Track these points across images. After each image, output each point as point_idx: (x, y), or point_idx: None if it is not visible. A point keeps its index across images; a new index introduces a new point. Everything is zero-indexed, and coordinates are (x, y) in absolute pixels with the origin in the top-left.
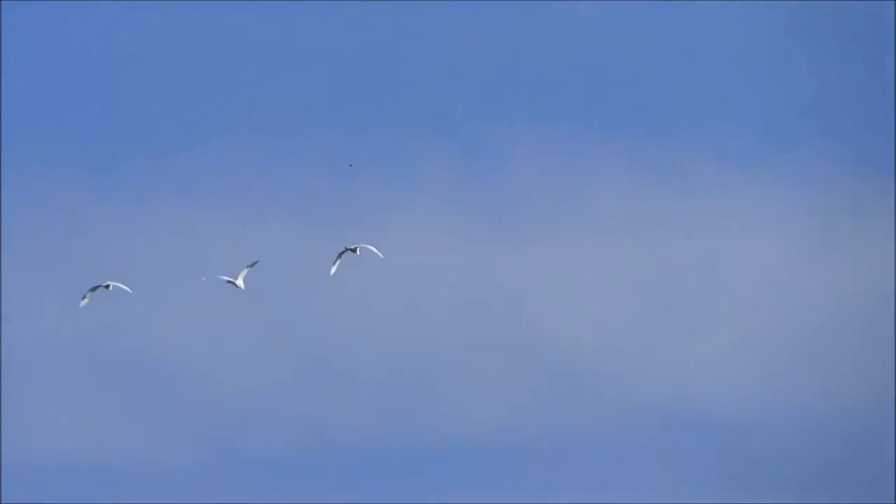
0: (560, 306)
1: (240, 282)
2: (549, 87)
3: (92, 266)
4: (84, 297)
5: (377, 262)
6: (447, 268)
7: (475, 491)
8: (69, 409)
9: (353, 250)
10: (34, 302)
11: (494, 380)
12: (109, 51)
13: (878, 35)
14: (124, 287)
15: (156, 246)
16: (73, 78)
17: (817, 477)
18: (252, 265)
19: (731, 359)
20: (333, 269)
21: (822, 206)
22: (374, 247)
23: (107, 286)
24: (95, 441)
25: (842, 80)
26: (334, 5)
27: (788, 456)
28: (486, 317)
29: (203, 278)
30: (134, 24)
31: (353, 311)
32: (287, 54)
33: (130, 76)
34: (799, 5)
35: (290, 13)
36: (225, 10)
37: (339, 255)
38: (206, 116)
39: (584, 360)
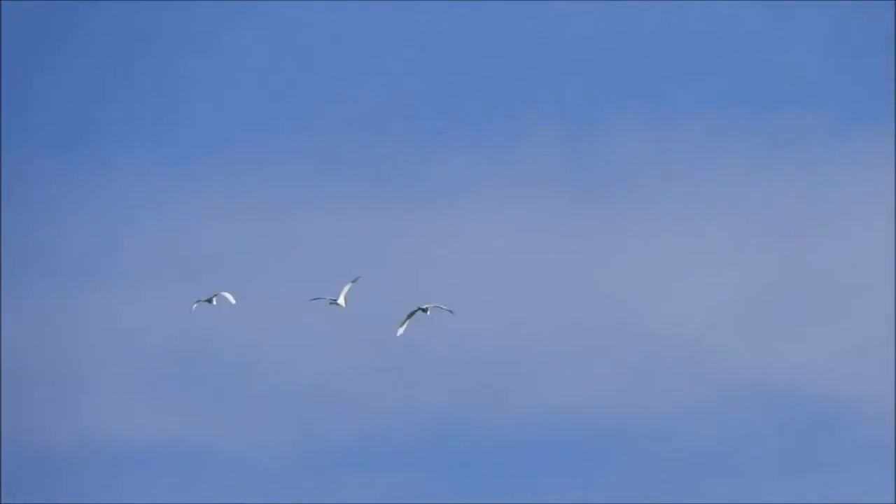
0: (662, 290)
1: (341, 300)
2: (656, 66)
3: (161, 259)
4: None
5: (473, 242)
6: (547, 250)
7: (570, 476)
8: (138, 396)
9: (424, 310)
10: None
11: (589, 362)
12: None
13: None
14: (229, 297)
15: (229, 236)
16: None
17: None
18: (354, 281)
19: (837, 345)
20: (401, 330)
21: None
22: (445, 305)
23: (210, 300)
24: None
25: None
26: None
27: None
28: (587, 300)
29: (312, 299)
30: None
31: (442, 290)
32: (380, 30)
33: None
34: None
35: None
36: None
37: (410, 315)
38: (288, 96)
39: (685, 344)
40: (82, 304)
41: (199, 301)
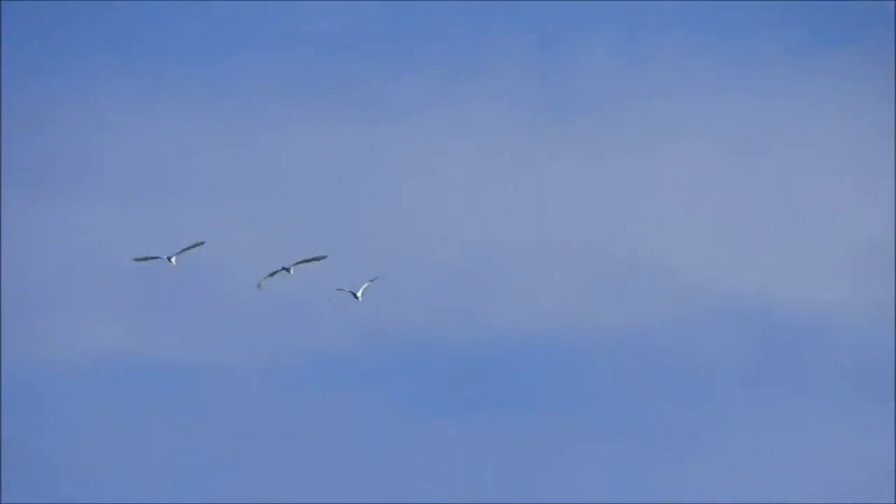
0: (633, 207)
1: (360, 294)
2: None
3: (126, 166)
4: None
5: (448, 161)
6: (516, 168)
7: (543, 393)
8: (110, 309)
9: (288, 269)
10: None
11: (560, 280)
12: None
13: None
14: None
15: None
16: None
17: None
18: (372, 280)
19: (805, 261)
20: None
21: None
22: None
23: (169, 258)
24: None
25: None
26: None
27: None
28: (557, 218)
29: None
30: None
31: (414, 207)
32: None
33: None
34: None
35: None
36: None
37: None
38: (256, 15)
39: (657, 261)
40: (49, 215)
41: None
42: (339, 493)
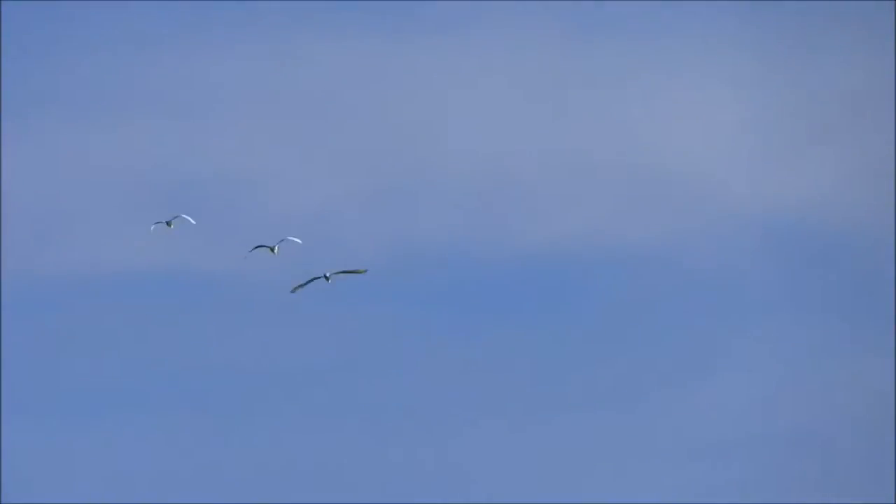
0: (662, 121)
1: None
2: None
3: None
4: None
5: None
6: (546, 86)
7: (566, 307)
8: (123, 222)
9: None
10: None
11: (589, 195)
12: None
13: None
14: (189, 219)
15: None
16: None
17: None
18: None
19: (837, 175)
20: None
21: None
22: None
23: (169, 223)
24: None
25: None
26: None
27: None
28: (588, 133)
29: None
30: None
31: (440, 123)
32: None
33: None
34: None
35: None
36: None
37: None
38: None
39: (685, 175)
40: (79, 138)
41: (157, 223)
42: (360, 408)
